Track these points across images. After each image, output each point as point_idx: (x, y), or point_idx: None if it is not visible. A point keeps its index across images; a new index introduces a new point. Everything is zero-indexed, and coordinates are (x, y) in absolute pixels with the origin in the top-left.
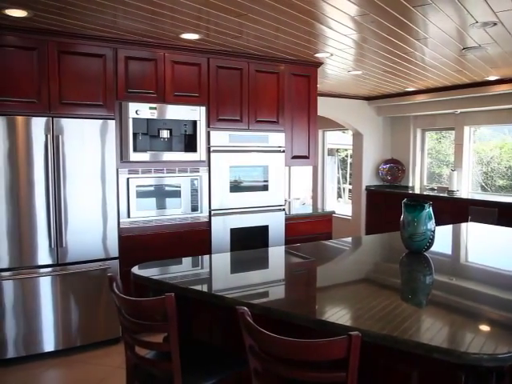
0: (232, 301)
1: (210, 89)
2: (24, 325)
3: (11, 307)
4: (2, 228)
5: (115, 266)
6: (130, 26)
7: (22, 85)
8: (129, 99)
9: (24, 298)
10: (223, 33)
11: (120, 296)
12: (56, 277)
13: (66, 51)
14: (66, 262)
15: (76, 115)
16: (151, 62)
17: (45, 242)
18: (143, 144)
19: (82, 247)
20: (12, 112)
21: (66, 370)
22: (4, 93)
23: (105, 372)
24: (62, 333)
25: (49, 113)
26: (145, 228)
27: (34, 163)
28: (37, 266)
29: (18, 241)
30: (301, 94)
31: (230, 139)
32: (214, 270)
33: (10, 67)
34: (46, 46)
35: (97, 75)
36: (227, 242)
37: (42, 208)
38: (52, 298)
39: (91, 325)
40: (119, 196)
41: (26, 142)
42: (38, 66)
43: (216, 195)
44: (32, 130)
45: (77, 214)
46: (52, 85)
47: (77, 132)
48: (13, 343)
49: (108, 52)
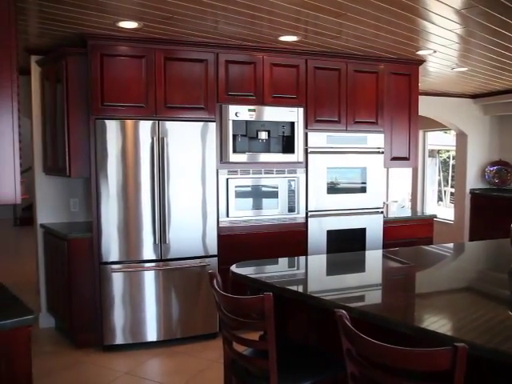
0: (329, 303)
1: (308, 90)
2: (130, 314)
3: (120, 297)
4: (113, 224)
5: (214, 263)
6: (230, 31)
7: (131, 91)
8: (229, 102)
9: (131, 289)
10: (322, 33)
11: (220, 293)
12: (159, 271)
13: (171, 58)
14: (168, 257)
15: (179, 118)
16: (250, 65)
17: (150, 239)
18: (242, 145)
19: (183, 244)
20: (123, 116)
21: (168, 360)
22: (117, 99)
23: (203, 364)
24: (163, 324)
25: (155, 116)
26: (242, 227)
27: (140, 164)
28: (142, 260)
29: (127, 236)
30: (401, 94)
31: (327, 140)
32: (309, 271)
33: (121, 75)
34: (153, 54)
35: (199, 79)
36: (323, 244)
37: (148, 206)
38: (155, 291)
39: (190, 319)
40: (219, 196)
41: (134, 144)
42: (145, 72)
43: (313, 196)
44: (139, 132)
45: (179, 212)
46: (158, 90)
47: (180, 134)
48: (121, 331)
49: (210, 57)
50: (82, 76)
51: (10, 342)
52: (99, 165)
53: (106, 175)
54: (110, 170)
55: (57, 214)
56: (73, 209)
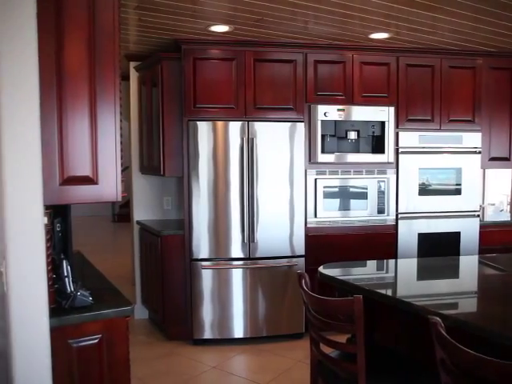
0: (421, 309)
1: (399, 88)
2: (218, 311)
3: (209, 293)
4: (204, 222)
5: (301, 263)
6: (319, 31)
7: (222, 93)
8: (317, 102)
9: (219, 286)
10: (415, 29)
11: (309, 293)
12: (247, 269)
13: (261, 59)
14: (256, 256)
15: (268, 119)
16: (339, 64)
17: (238, 237)
18: (331, 145)
19: (270, 243)
20: (214, 117)
21: (254, 357)
22: (208, 101)
23: (289, 363)
24: (250, 322)
25: (244, 117)
26: (330, 228)
27: (230, 164)
28: (231, 258)
29: (216, 234)
30: (501, 89)
31: (419, 140)
32: (399, 275)
33: (213, 78)
34: (243, 56)
35: (287, 80)
36: (414, 247)
37: (237, 206)
38: (242, 288)
39: (276, 318)
40: (307, 196)
41: (225, 144)
42: (236, 74)
43: (403, 198)
44: (229, 133)
45: (267, 212)
46: (248, 91)
47: (268, 135)
48: (209, 326)
49: (298, 57)
50: (176, 80)
51: (111, 330)
52: (191, 164)
53: (197, 175)
54: (202, 170)
55: (151, 212)
56: (166, 207)
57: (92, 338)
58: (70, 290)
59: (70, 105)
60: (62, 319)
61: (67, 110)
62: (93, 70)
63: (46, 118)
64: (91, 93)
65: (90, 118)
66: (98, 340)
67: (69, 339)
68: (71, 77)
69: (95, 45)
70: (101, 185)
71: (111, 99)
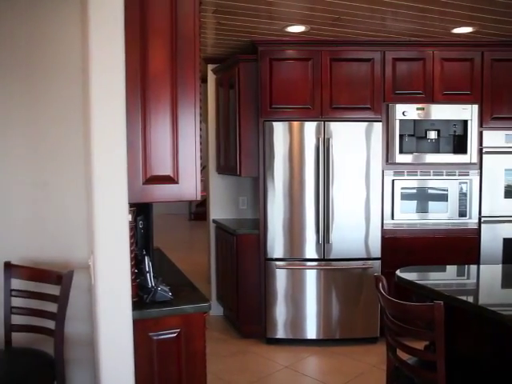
0: (508, 318)
1: (484, 85)
2: (292, 311)
3: (282, 293)
4: (278, 222)
5: (376, 266)
6: (398, 28)
7: (298, 93)
8: (396, 101)
9: (293, 286)
10: (502, 21)
11: (386, 297)
12: (320, 271)
13: (337, 58)
14: (330, 257)
15: (344, 119)
16: (419, 61)
17: (313, 238)
18: (409, 145)
19: (345, 245)
20: (289, 118)
21: (327, 359)
22: (284, 101)
23: (363, 368)
24: (323, 324)
25: (320, 117)
26: (408, 231)
27: (305, 164)
28: (305, 258)
29: (291, 235)
30: None
31: (506, 139)
32: (482, 282)
33: (289, 78)
34: (319, 56)
35: (365, 79)
36: (498, 253)
37: (312, 206)
38: (316, 289)
39: (350, 321)
40: (383, 197)
41: (300, 144)
42: (312, 74)
43: (487, 200)
44: (305, 133)
45: (342, 213)
46: (324, 91)
47: (344, 135)
48: (282, 326)
49: (376, 55)
50: (253, 81)
51: (189, 324)
52: (267, 165)
53: (272, 175)
54: (277, 170)
55: (227, 211)
56: (241, 206)
57: (171, 332)
58: (151, 285)
59: (153, 108)
60: (143, 312)
61: (150, 112)
62: (174, 74)
63: (131, 121)
64: (173, 96)
65: (171, 120)
66: (176, 334)
67: (149, 332)
68: (154, 81)
69: (177, 50)
70: (181, 184)
71: (191, 102)
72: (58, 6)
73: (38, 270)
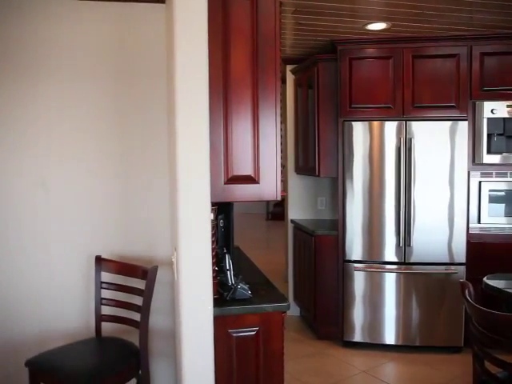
0: None
1: None
2: (370, 314)
3: (360, 296)
4: (357, 224)
5: (461, 271)
6: (486, 20)
7: (378, 92)
8: (483, 98)
9: (371, 289)
10: None
11: (473, 305)
12: (400, 274)
13: (419, 55)
14: (411, 261)
15: (427, 118)
16: (510, 55)
17: (393, 241)
18: (498, 145)
19: (427, 249)
20: (369, 118)
21: (406, 367)
22: (364, 101)
23: (444, 378)
24: (402, 329)
25: (402, 117)
26: (495, 236)
27: (385, 165)
28: (384, 261)
29: (370, 237)
30: None
31: None
32: None
33: (369, 77)
34: (400, 53)
35: (449, 76)
36: None
37: (392, 208)
38: (395, 294)
39: (431, 328)
40: (469, 200)
41: (380, 145)
42: (393, 73)
43: None
44: (385, 133)
45: (424, 215)
46: (406, 90)
47: (427, 134)
48: (360, 329)
49: (462, 50)
50: (332, 81)
51: (268, 323)
52: (346, 165)
53: (351, 175)
54: (356, 171)
55: (305, 211)
56: (320, 207)
57: (250, 330)
58: (231, 283)
59: (235, 109)
60: (223, 309)
61: (232, 114)
62: (255, 76)
63: (213, 122)
64: (254, 97)
65: (252, 120)
66: (255, 332)
67: (229, 329)
68: (236, 83)
69: (258, 51)
70: (261, 184)
71: (272, 103)
72: (144, 12)
73: (125, 265)
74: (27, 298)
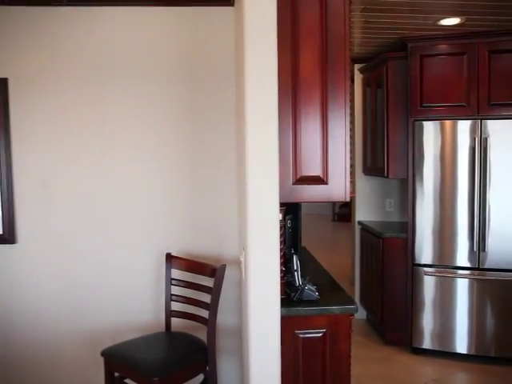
0: None
1: None
2: (440, 321)
3: (430, 301)
4: (428, 227)
5: None
6: None
7: (451, 90)
8: None
9: (442, 295)
10: None
11: None
12: (474, 280)
13: (497, 50)
14: (485, 267)
15: (504, 116)
16: None
17: (466, 245)
18: None
19: (504, 255)
20: (441, 117)
21: (478, 378)
22: (435, 99)
23: None
24: (475, 338)
25: (476, 115)
26: None
27: (458, 166)
28: (456, 266)
29: (441, 240)
30: None
31: None
32: None
33: (441, 75)
34: (475, 49)
35: None
36: None
37: (465, 211)
38: (468, 300)
39: (508, 338)
40: None
41: (452, 145)
42: (467, 70)
43: None
44: (458, 133)
45: (500, 219)
46: (481, 87)
47: (505, 134)
48: (429, 336)
49: None
50: (401, 79)
51: (335, 326)
52: (416, 166)
53: (421, 177)
54: (427, 172)
55: (373, 213)
56: (388, 208)
57: (317, 332)
58: (298, 284)
59: (304, 110)
60: (290, 310)
61: (301, 114)
62: (324, 76)
63: (282, 123)
64: (323, 97)
65: (321, 121)
66: (322, 334)
67: (296, 329)
68: (305, 83)
69: (327, 51)
70: (330, 185)
71: (341, 103)
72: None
73: (194, 262)
74: (104, 293)
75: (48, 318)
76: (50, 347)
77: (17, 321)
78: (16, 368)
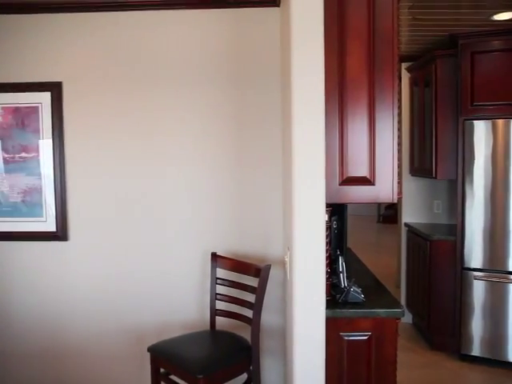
0: None
1: None
2: (490, 327)
3: (480, 307)
4: (478, 230)
5: None
6: None
7: (504, 88)
8: None
9: (492, 300)
10: None
11: None
12: None
13: None
14: None
15: None
16: None
17: None
18: None
19: None
20: (493, 116)
21: None
22: (488, 98)
23: None
24: None
25: None
26: None
27: (511, 167)
28: (508, 271)
29: (492, 244)
30: None
31: None
32: None
33: (493, 72)
34: None
35: None
36: None
37: None
38: None
39: None
40: None
41: (505, 145)
42: None
43: None
44: (511, 133)
45: None
46: None
47: None
48: (478, 342)
49: None
50: (451, 78)
51: (381, 329)
52: (466, 167)
53: (472, 178)
54: (477, 173)
55: (420, 215)
56: (436, 210)
57: (362, 335)
58: (343, 285)
59: (350, 110)
60: (335, 312)
61: (347, 114)
62: (372, 75)
63: (329, 123)
64: (370, 97)
65: (368, 121)
66: (367, 337)
67: (341, 332)
68: (352, 84)
69: (374, 50)
70: (377, 186)
71: (389, 103)
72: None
73: (239, 262)
74: (151, 290)
75: (97, 313)
76: (98, 340)
77: (68, 314)
78: (68, 360)
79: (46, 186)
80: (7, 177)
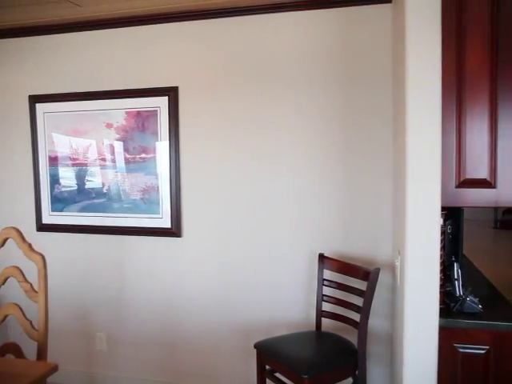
0: None
1: None
2: None
3: None
4: None
5: None
6: None
7: None
8: None
9: None
10: None
11: None
12: None
13: None
14: None
15: None
16: None
17: None
18: None
19: None
20: None
21: None
22: None
23: None
24: None
25: None
26: None
27: None
28: None
29: None
30: None
31: None
32: None
33: None
34: None
35: None
36: None
37: None
38: None
39: None
40: None
41: None
42: None
43: None
44: None
45: None
46: None
47: None
48: None
49: None
50: None
51: (501, 343)
52: None
53: None
54: None
55: None
56: None
57: (479, 348)
58: (459, 294)
59: (469, 108)
60: (449, 321)
61: (466, 112)
62: (494, 70)
63: (444, 123)
64: (491, 94)
65: (489, 120)
66: (485, 351)
67: (455, 343)
68: (471, 79)
69: (498, 41)
70: (498, 188)
71: None
72: (369, 14)
73: (347, 264)
74: (259, 288)
75: (207, 307)
76: (208, 332)
77: (181, 306)
78: (178, 348)
79: (162, 185)
80: (128, 176)
